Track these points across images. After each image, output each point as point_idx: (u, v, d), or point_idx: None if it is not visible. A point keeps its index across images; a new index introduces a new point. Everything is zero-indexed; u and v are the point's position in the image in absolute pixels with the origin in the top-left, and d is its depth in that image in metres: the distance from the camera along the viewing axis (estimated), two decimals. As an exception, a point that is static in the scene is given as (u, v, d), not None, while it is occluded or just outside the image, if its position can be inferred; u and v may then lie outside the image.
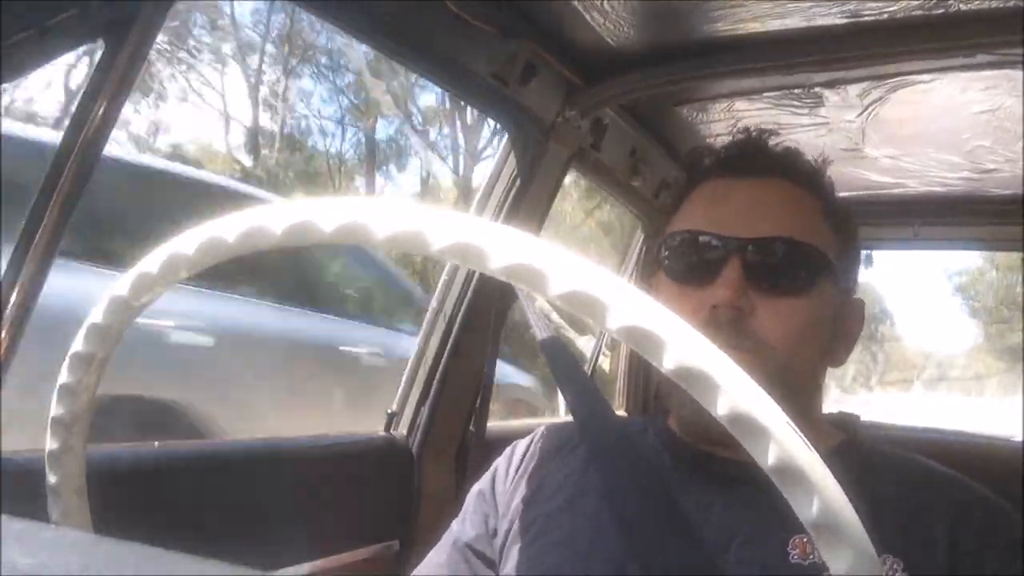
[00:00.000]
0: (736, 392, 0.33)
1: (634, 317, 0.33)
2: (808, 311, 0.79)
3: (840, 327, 0.84)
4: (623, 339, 0.34)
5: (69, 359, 0.44)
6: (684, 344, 0.33)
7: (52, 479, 0.46)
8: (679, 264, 0.83)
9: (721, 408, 0.33)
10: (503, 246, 0.34)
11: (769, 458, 0.33)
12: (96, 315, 0.42)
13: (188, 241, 0.39)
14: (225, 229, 0.38)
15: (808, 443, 0.34)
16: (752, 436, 0.33)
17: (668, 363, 0.33)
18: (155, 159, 5.67)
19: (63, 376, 0.44)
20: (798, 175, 0.85)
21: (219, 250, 0.38)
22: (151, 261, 0.40)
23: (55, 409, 0.45)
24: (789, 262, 0.79)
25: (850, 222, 0.87)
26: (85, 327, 0.43)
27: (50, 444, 0.45)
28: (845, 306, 0.85)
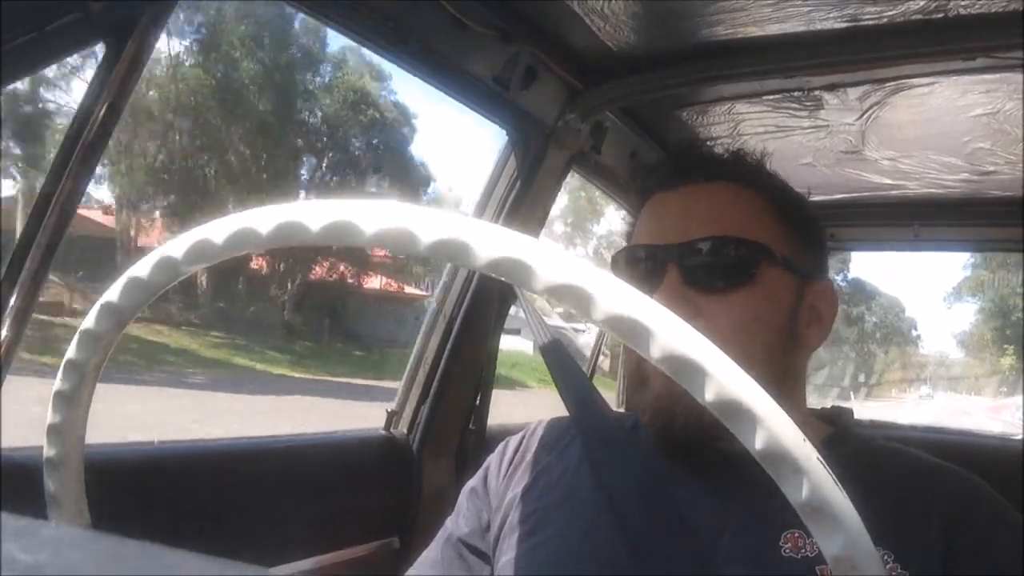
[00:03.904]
0: (723, 378, 0.33)
1: (619, 307, 0.34)
2: (756, 301, 0.80)
3: (807, 311, 0.85)
4: (608, 329, 0.34)
5: (79, 336, 0.43)
6: (670, 333, 0.34)
7: (50, 452, 0.45)
8: (628, 281, 0.85)
9: (708, 395, 0.33)
10: (489, 242, 0.35)
11: (756, 443, 0.33)
12: (111, 294, 0.42)
13: (217, 229, 0.38)
14: (257, 220, 0.37)
15: (795, 426, 0.34)
16: (739, 422, 0.33)
17: (654, 352, 0.33)
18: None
19: (71, 352, 0.44)
20: (737, 175, 0.86)
21: (249, 241, 0.37)
22: (175, 246, 0.39)
23: (59, 384, 0.44)
24: (723, 259, 0.81)
25: (803, 211, 0.88)
26: (98, 305, 0.42)
27: (51, 418, 0.45)
28: (808, 291, 0.85)
